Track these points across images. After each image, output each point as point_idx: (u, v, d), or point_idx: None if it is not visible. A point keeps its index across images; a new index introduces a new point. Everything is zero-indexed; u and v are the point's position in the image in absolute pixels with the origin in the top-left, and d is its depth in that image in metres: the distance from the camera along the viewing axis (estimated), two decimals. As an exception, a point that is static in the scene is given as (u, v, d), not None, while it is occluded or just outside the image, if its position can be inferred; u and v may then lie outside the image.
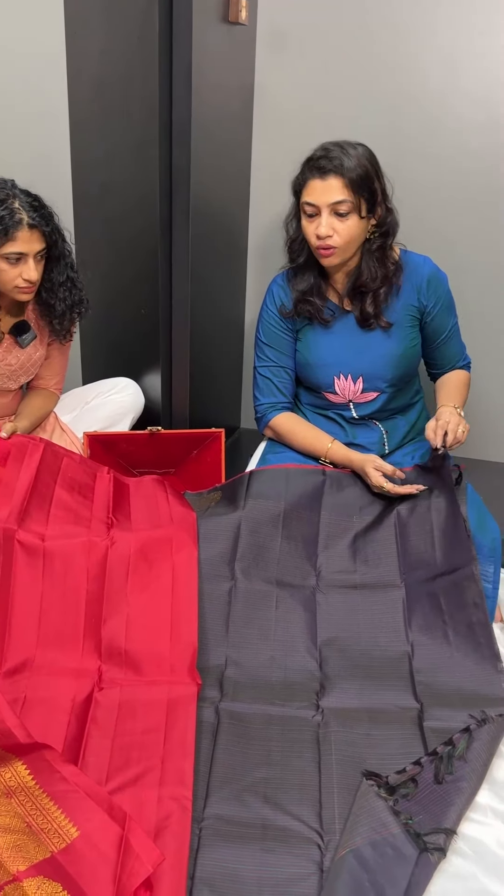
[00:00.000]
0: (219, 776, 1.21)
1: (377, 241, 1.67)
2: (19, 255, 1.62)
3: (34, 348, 1.85)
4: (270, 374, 1.84)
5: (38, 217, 1.63)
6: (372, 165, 1.62)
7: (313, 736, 1.28)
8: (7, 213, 1.58)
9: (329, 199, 1.59)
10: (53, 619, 1.44)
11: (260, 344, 1.85)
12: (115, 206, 2.03)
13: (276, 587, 1.54)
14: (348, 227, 1.60)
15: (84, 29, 1.90)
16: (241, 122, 2.21)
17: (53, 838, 1.06)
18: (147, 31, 1.79)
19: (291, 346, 1.82)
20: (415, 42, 2.03)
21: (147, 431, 1.94)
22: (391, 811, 1.10)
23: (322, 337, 1.78)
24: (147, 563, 1.53)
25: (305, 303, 1.75)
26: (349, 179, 1.58)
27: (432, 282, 1.73)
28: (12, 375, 1.84)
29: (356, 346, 1.75)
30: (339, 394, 1.80)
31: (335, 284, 1.76)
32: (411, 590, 1.51)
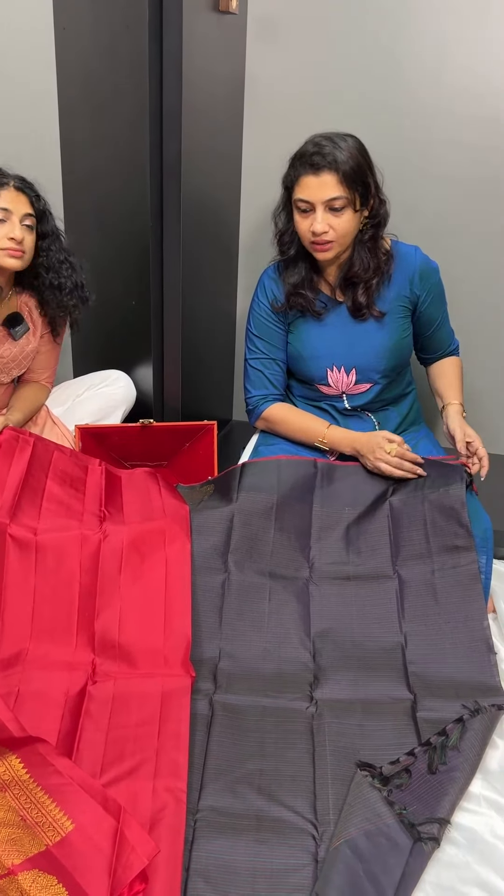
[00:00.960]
0: (213, 768, 1.22)
1: (369, 232, 1.67)
2: (4, 211, 1.66)
3: (27, 341, 1.85)
4: (262, 366, 1.83)
5: (25, 185, 1.70)
6: (363, 157, 1.61)
7: (307, 727, 1.29)
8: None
9: (324, 195, 1.57)
10: (46, 613, 1.44)
11: (251, 336, 1.84)
12: (105, 198, 2.01)
13: (269, 579, 1.54)
14: (343, 222, 1.60)
15: (73, 17, 1.88)
16: (231, 112, 2.19)
17: (48, 831, 1.06)
18: (136, 19, 1.77)
19: (283, 338, 1.81)
20: (407, 32, 2.02)
21: (139, 424, 1.94)
22: (385, 801, 1.10)
23: (314, 329, 1.77)
24: (140, 556, 1.52)
25: (297, 296, 1.74)
26: (343, 175, 1.56)
27: (424, 272, 1.73)
28: (4, 368, 1.84)
29: (349, 337, 1.75)
30: (332, 386, 1.79)
31: (327, 276, 1.75)
32: (404, 581, 1.51)
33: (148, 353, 2.09)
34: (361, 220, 1.65)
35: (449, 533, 1.54)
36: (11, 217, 1.67)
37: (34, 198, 1.72)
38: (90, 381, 2.04)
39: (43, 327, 1.89)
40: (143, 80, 1.81)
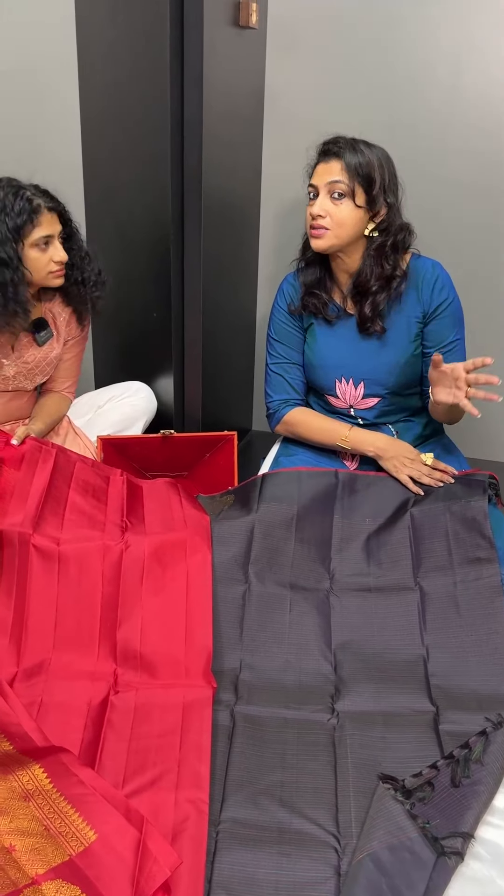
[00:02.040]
0: (235, 779, 1.21)
1: (377, 241, 1.66)
2: (47, 238, 1.68)
3: (50, 347, 1.87)
4: (282, 370, 1.84)
5: (50, 199, 1.70)
6: (379, 161, 1.63)
7: (328, 739, 1.28)
8: (26, 202, 1.64)
9: (326, 178, 1.62)
10: (69, 623, 1.44)
11: (271, 341, 1.86)
12: (126, 209, 2.04)
13: (289, 590, 1.54)
14: (340, 211, 1.61)
15: (95, 33, 1.91)
16: (251, 124, 2.21)
17: (71, 841, 1.07)
18: (158, 35, 1.80)
19: (302, 342, 1.83)
20: (423, 44, 2.03)
21: (160, 435, 1.95)
22: (408, 815, 1.09)
23: (326, 337, 1.78)
24: (161, 567, 1.53)
25: (312, 296, 1.76)
26: (347, 163, 1.60)
27: (437, 285, 1.70)
28: (28, 374, 1.86)
29: (357, 350, 1.75)
30: (340, 398, 1.80)
31: (340, 285, 1.76)
32: (426, 593, 1.51)
33: (169, 364, 2.11)
34: (367, 223, 1.65)
35: (471, 545, 1.54)
36: (53, 240, 1.70)
37: (60, 209, 1.73)
38: (112, 392, 2.06)
39: (66, 332, 1.91)
40: (165, 94, 1.83)
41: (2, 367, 1.81)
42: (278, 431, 1.89)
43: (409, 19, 2.01)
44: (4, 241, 1.62)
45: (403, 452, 1.70)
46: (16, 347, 1.81)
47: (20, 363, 1.83)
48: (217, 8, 1.85)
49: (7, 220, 1.62)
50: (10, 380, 1.84)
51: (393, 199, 1.65)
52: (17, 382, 1.86)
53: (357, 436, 1.75)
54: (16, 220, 1.63)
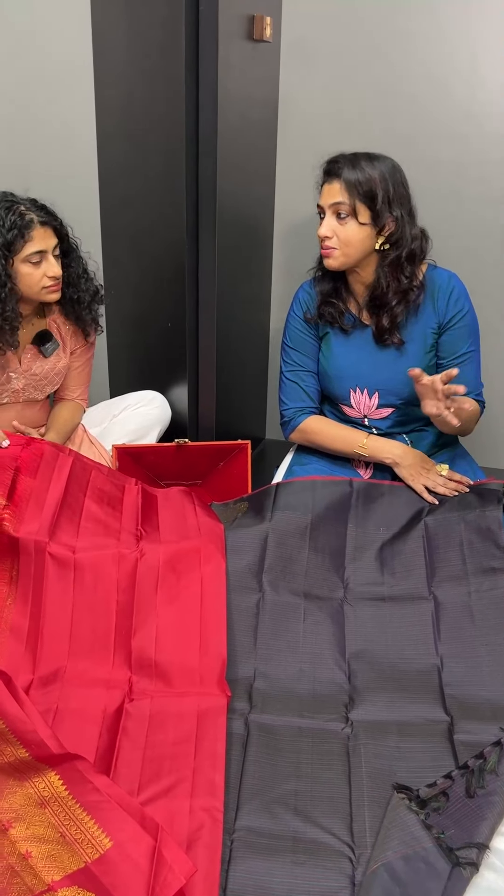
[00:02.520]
0: (249, 788, 1.22)
1: (391, 254, 1.67)
2: (40, 252, 1.67)
3: (57, 357, 1.88)
4: (297, 378, 1.85)
5: (45, 214, 1.69)
6: (381, 175, 1.61)
7: (343, 748, 1.28)
8: (17, 217, 1.63)
9: (329, 200, 1.63)
10: (84, 631, 1.45)
11: (286, 349, 1.86)
12: (141, 222, 2.06)
13: (303, 599, 1.54)
14: (346, 231, 1.63)
15: (111, 48, 1.93)
16: (265, 136, 2.23)
17: (87, 848, 1.07)
18: (173, 49, 1.82)
19: (317, 350, 1.83)
20: (437, 55, 2.04)
21: (174, 443, 1.96)
22: (423, 825, 1.09)
23: (341, 347, 1.78)
24: (176, 575, 1.54)
25: (328, 304, 1.77)
26: (346, 182, 1.61)
27: (453, 296, 1.70)
28: (38, 385, 1.88)
29: (372, 361, 1.76)
30: (354, 407, 1.80)
31: (356, 296, 1.77)
32: (440, 602, 1.51)
33: (183, 373, 2.12)
34: (375, 238, 1.65)
35: (485, 554, 1.53)
36: (46, 255, 1.69)
37: (56, 225, 1.72)
38: (127, 401, 2.08)
39: (73, 343, 1.92)
40: (180, 107, 1.85)
41: (10, 381, 1.83)
42: (293, 439, 1.89)
43: (423, 32, 2.02)
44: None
45: (419, 462, 1.71)
46: (23, 361, 1.83)
47: (28, 376, 1.84)
48: (232, 22, 1.87)
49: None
50: (21, 392, 1.86)
51: (400, 211, 1.64)
52: (28, 394, 1.87)
53: (374, 444, 1.76)
54: (5, 236, 1.62)
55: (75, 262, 1.80)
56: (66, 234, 1.75)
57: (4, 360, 1.80)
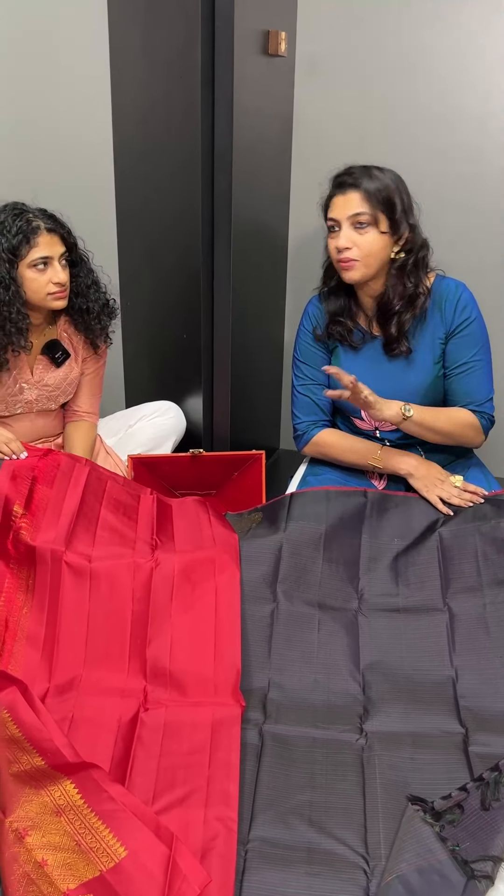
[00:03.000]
0: (263, 798, 1.22)
1: (400, 261, 1.67)
2: (45, 259, 1.69)
3: (69, 367, 1.90)
4: (309, 392, 1.85)
5: (53, 222, 1.71)
6: (395, 185, 1.63)
7: (357, 759, 1.28)
8: (24, 223, 1.66)
9: (348, 211, 1.62)
10: (100, 640, 1.46)
11: (297, 363, 1.87)
12: (157, 235, 2.08)
13: (317, 610, 1.54)
14: (367, 240, 1.62)
15: (128, 63, 1.96)
16: (280, 149, 2.25)
17: (102, 857, 1.08)
18: (189, 65, 1.84)
19: (328, 363, 1.83)
20: (451, 69, 2.05)
21: (189, 454, 1.97)
22: (437, 837, 1.09)
23: (350, 361, 1.79)
24: (190, 585, 1.55)
25: (336, 324, 1.77)
26: (366, 192, 1.61)
27: (459, 304, 1.70)
28: (51, 396, 1.89)
29: (382, 373, 1.76)
30: (365, 420, 1.81)
31: (365, 309, 1.77)
32: (454, 614, 1.50)
33: (198, 384, 2.14)
34: (392, 247, 1.66)
35: (501, 566, 1.53)
36: (52, 262, 1.71)
37: (63, 233, 1.74)
38: (142, 411, 2.10)
39: (84, 351, 1.93)
40: (196, 122, 1.87)
41: (23, 392, 1.85)
42: (306, 453, 1.90)
43: (437, 46, 2.04)
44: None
45: (434, 473, 1.71)
46: (35, 371, 1.85)
47: (41, 386, 1.86)
48: (247, 37, 1.90)
49: (3, 241, 1.65)
50: (34, 403, 1.88)
51: (413, 219, 1.66)
52: (41, 405, 1.89)
53: (388, 455, 1.76)
54: (11, 241, 1.65)
55: (84, 272, 1.82)
56: (74, 243, 1.77)
57: (17, 371, 1.82)
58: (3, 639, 1.47)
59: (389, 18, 2.06)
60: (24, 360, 1.83)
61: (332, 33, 2.12)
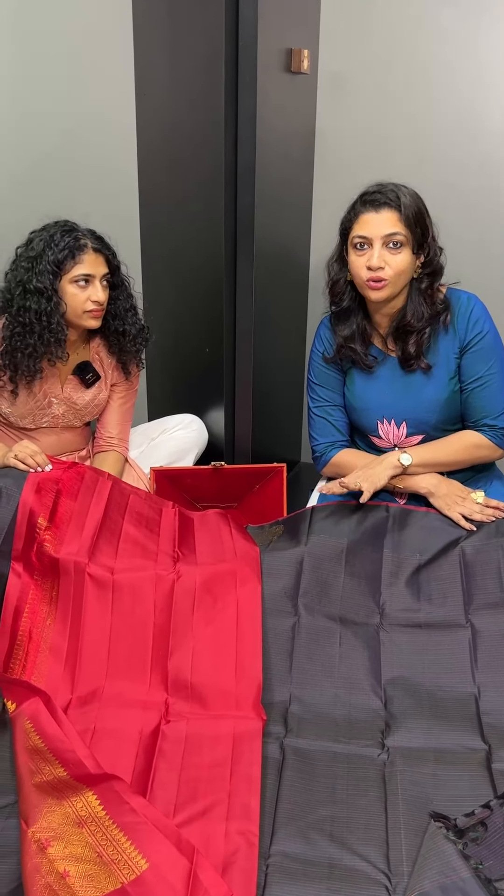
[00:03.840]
0: (284, 813, 1.21)
1: (425, 281, 1.66)
2: (87, 276, 1.72)
3: (98, 389, 1.92)
4: (325, 413, 1.84)
5: (100, 242, 1.75)
6: (422, 204, 1.64)
7: (379, 775, 1.28)
8: (73, 240, 1.71)
9: (383, 230, 1.60)
10: (122, 651, 1.47)
11: (312, 385, 1.86)
12: (181, 250, 2.10)
13: (339, 624, 1.54)
14: (399, 261, 1.61)
15: (153, 82, 1.99)
16: (302, 166, 2.26)
17: (123, 869, 1.08)
18: (213, 84, 1.87)
19: (341, 384, 1.82)
20: (471, 84, 2.06)
21: (211, 466, 1.98)
22: (460, 855, 1.08)
23: (365, 381, 1.78)
24: (212, 597, 1.55)
25: (348, 349, 1.75)
26: (404, 213, 1.59)
27: (472, 317, 1.69)
28: (77, 414, 1.92)
29: (398, 390, 1.75)
30: (383, 438, 1.80)
31: (379, 327, 1.75)
32: (477, 630, 1.49)
33: (220, 397, 2.15)
34: (416, 266, 1.65)
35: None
36: (94, 280, 1.74)
37: (110, 256, 1.78)
38: (165, 424, 2.11)
39: (114, 376, 1.95)
40: (220, 139, 1.90)
41: (51, 406, 1.87)
42: (325, 474, 1.89)
43: (460, 63, 2.05)
44: (44, 271, 1.70)
45: (454, 491, 1.70)
46: (65, 388, 1.87)
47: (69, 404, 1.88)
48: (270, 55, 1.92)
49: (50, 254, 1.70)
50: (60, 418, 1.90)
51: (437, 240, 1.66)
52: (67, 420, 1.91)
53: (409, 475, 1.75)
54: (57, 255, 1.70)
55: (124, 296, 1.85)
56: (117, 266, 1.81)
57: (48, 385, 1.85)
58: (27, 650, 1.48)
59: (410, 35, 2.07)
60: (56, 376, 1.85)
61: (354, 50, 2.14)
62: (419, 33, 2.06)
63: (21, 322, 1.72)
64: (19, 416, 1.86)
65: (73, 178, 2.21)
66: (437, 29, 2.05)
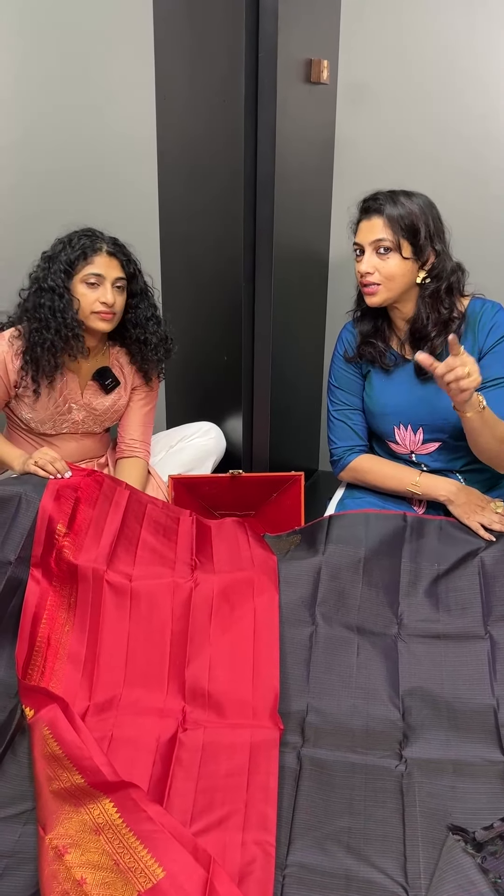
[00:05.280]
0: (301, 823, 1.21)
1: (430, 287, 1.67)
2: (97, 277, 1.75)
3: (118, 395, 1.93)
4: (345, 417, 1.85)
5: (117, 248, 1.78)
6: (422, 211, 1.63)
7: (396, 786, 1.27)
8: (88, 240, 1.75)
9: (370, 237, 1.63)
10: (139, 659, 1.47)
11: (332, 389, 1.87)
12: (200, 259, 2.11)
13: (356, 634, 1.53)
14: (388, 266, 1.62)
15: (174, 92, 2.01)
16: (321, 176, 2.27)
17: (140, 877, 1.08)
18: (233, 93, 1.88)
19: (361, 388, 1.83)
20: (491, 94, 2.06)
21: (229, 474, 1.98)
22: (479, 869, 1.07)
23: (384, 385, 1.78)
24: (229, 606, 1.55)
25: (368, 345, 1.77)
26: (389, 218, 1.61)
27: (494, 324, 1.68)
28: (97, 420, 1.93)
29: (415, 396, 1.74)
30: (400, 444, 1.79)
31: (397, 332, 1.77)
32: (496, 642, 1.48)
33: (238, 405, 2.15)
34: (416, 271, 1.65)
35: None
36: (104, 282, 1.76)
37: (125, 261, 1.79)
38: (183, 432, 2.12)
39: (134, 380, 1.96)
40: (239, 149, 1.91)
41: (71, 412, 1.88)
42: (343, 478, 1.89)
43: (479, 72, 2.05)
44: (57, 271, 1.74)
45: (474, 499, 1.69)
46: (84, 394, 1.88)
47: (89, 409, 1.90)
48: (289, 65, 1.93)
49: (64, 255, 1.75)
50: (80, 423, 1.91)
51: (440, 245, 1.65)
52: (87, 426, 1.93)
53: (427, 481, 1.74)
54: (70, 255, 1.74)
55: (145, 305, 1.86)
56: (133, 273, 1.82)
57: (68, 390, 1.86)
58: (45, 656, 1.49)
59: (429, 44, 2.08)
60: (76, 381, 1.87)
61: (374, 61, 2.15)
62: (438, 42, 2.07)
63: (38, 318, 1.76)
64: (40, 421, 1.88)
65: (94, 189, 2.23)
66: (456, 37, 2.05)
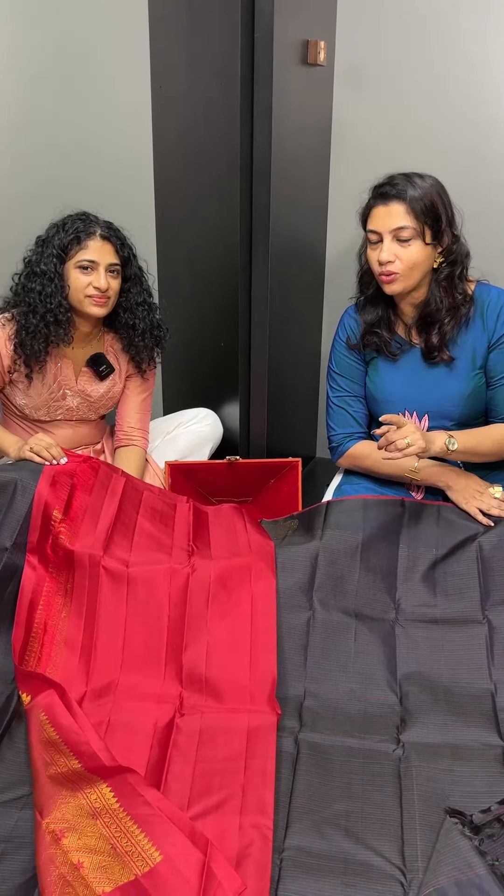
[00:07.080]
0: (299, 807, 1.21)
1: (445, 271, 1.65)
2: (90, 262, 1.73)
3: (112, 382, 1.92)
4: (344, 404, 1.84)
5: (111, 232, 1.76)
6: (438, 194, 1.61)
7: (394, 770, 1.27)
8: (82, 224, 1.74)
9: (391, 224, 1.59)
10: (137, 645, 1.47)
11: (332, 374, 1.85)
12: (196, 243, 2.10)
13: (354, 619, 1.53)
14: (410, 253, 1.59)
15: (169, 76, 1.99)
16: (318, 159, 2.25)
17: (137, 861, 1.08)
18: (229, 77, 1.86)
19: (363, 375, 1.82)
20: (490, 78, 2.04)
21: (226, 461, 1.98)
22: (476, 851, 1.07)
23: (388, 371, 1.77)
24: (227, 591, 1.55)
25: (372, 335, 1.75)
26: (411, 205, 1.57)
27: (502, 313, 1.67)
28: (91, 407, 1.92)
29: (421, 382, 1.73)
30: None
31: (403, 317, 1.75)
32: (494, 626, 1.48)
33: (235, 391, 2.15)
34: (435, 256, 1.63)
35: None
36: (98, 267, 1.74)
37: (119, 245, 1.77)
38: (180, 418, 2.11)
39: (129, 368, 1.95)
40: (235, 133, 1.89)
41: (65, 398, 1.87)
42: (341, 465, 1.88)
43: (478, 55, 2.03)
44: (50, 255, 1.73)
45: (472, 484, 1.68)
46: (79, 381, 1.87)
47: (83, 396, 1.89)
48: (286, 47, 1.91)
49: (57, 239, 1.73)
50: (74, 410, 1.90)
51: (456, 228, 1.64)
52: (81, 413, 1.92)
53: (426, 468, 1.73)
54: (63, 239, 1.73)
55: (137, 290, 1.84)
56: (127, 257, 1.80)
57: (62, 377, 1.85)
58: (42, 642, 1.49)
59: (428, 27, 2.05)
60: (71, 367, 1.85)
61: (371, 42, 2.13)
62: (436, 24, 2.05)
63: (27, 302, 1.74)
64: (34, 407, 1.87)
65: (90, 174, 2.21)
66: (456, 22, 2.03)
